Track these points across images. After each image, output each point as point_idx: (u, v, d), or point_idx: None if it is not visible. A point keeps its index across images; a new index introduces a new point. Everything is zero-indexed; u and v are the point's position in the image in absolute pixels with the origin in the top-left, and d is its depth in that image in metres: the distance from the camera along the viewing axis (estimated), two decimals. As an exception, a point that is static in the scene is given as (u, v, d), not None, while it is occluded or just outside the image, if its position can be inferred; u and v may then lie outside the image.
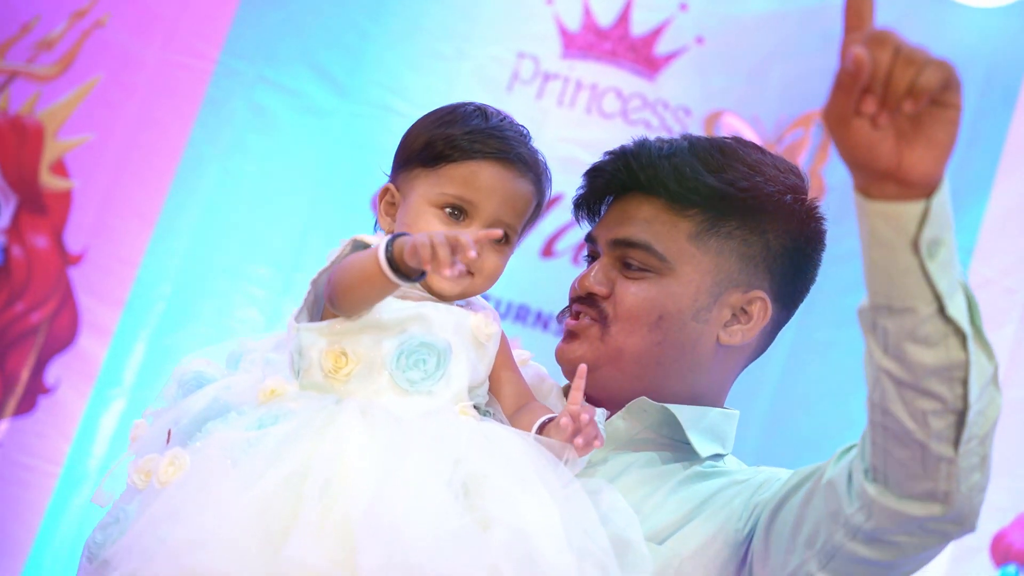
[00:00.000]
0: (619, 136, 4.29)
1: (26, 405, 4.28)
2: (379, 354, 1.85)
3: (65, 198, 4.38)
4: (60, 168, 4.39)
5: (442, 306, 1.91)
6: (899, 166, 1.53)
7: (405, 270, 1.78)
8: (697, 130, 4.39)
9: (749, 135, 4.37)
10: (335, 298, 1.86)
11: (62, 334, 4.32)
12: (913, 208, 1.55)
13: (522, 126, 2.06)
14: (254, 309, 4.27)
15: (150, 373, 4.24)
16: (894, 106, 1.49)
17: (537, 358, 2.19)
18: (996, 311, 4.25)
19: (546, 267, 4.30)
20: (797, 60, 4.37)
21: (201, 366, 1.96)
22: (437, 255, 1.72)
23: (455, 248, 1.72)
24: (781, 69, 4.39)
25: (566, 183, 2.27)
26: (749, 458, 4.15)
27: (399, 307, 1.87)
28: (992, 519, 4.15)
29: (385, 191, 2.05)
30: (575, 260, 4.29)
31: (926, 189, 1.55)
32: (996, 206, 4.30)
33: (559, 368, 2.16)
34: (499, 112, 2.05)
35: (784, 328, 2.20)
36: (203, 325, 4.29)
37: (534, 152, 2.04)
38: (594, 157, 4.34)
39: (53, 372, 4.30)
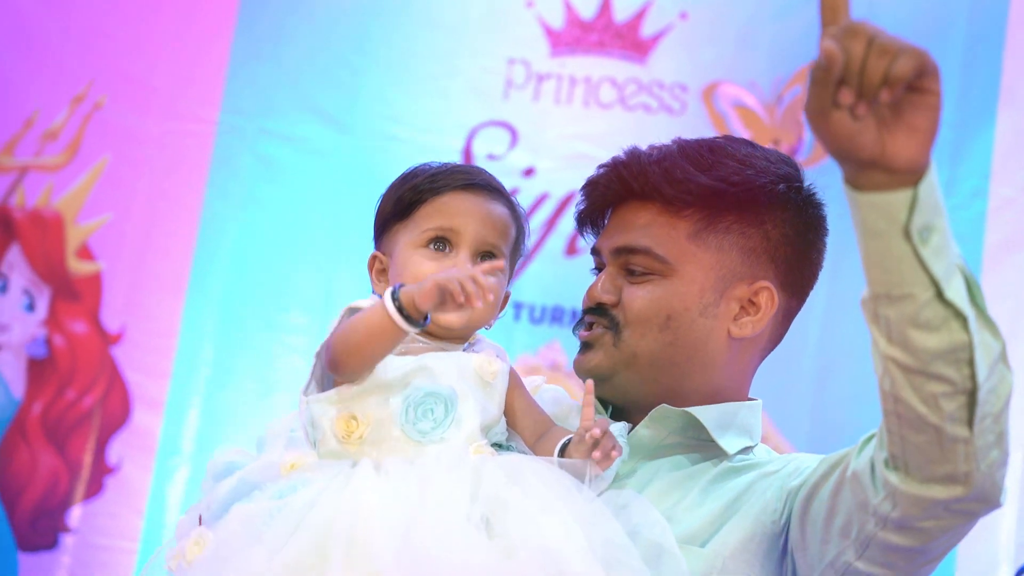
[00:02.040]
0: (620, 124, 4.36)
1: (94, 488, 4.36)
2: (387, 412, 1.89)
3: (95, 281, 4.47)
4: (85, 252, 4.47)
5: (443, 354, 1.95)
6: (883, 154, 1.56)
7: (415, 316, 1.83)
8: (696, 105, 4.40)
9: (748, 100, 4.38)
10: (338, 362, 1.89)
11: (116, 413, 4.40)
12: (901, 196, 1.58)
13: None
14: (295, 357, 4.32)
15: (207, 437, 4.31)
16: (871, 96, 1.52)
17: (577, 355, 2.22)
18: (1022, 228, 4.23)
19: (572, 265, 4.32)
20: (784, 19, 4.36)
21: (232, 456, 2.02)
22: (466, 289, 1.78)
23: (476, 284, 1.80)
24: (770, 30, 4.38)
25: (577, 179, 2.29)
26: (804, 418, 4.16)
27: (400, 364, 1.91)
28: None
29: (373, 259, 2.11)
30: (600, 254, 4.32)
31: (913, 176, 1.58)
32: (1004, 125, 4.28)
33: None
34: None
35: (816, 287, 2.22)
36: (249, 381, 4.35)
37: (501, 184, 2.11)
38: (599, 149, 4.32)
39: (114, 451, 4.38)
